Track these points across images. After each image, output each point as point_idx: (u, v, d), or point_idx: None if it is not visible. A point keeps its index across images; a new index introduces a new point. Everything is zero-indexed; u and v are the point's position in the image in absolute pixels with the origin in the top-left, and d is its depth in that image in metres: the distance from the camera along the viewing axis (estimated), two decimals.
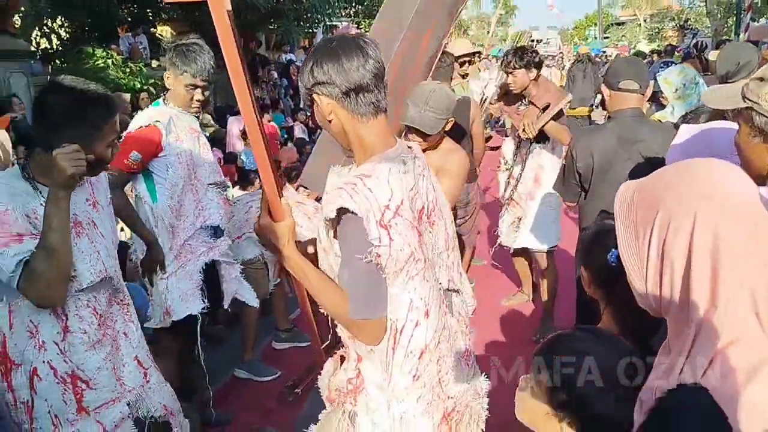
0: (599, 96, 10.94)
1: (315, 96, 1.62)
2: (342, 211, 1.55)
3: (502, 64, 4.46)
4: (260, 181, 1.68)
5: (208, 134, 5.18)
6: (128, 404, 2.19)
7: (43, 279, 1.86)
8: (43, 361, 1.99)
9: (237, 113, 3.78)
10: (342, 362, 1.85)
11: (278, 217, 1.67)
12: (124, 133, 2.90)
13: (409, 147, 1.74)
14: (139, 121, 2.96)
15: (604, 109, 3.32)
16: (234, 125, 8.77)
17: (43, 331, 1.98)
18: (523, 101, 4.31)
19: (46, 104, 1.96)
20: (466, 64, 5.49)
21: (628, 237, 1.14)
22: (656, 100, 4.54)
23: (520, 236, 4.52)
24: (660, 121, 3.62)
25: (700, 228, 1.02)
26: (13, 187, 1.94)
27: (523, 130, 4.15)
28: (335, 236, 1.64)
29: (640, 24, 37.80)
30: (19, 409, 2.00)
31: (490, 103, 5.54)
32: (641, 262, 1.12)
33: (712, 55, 5.18)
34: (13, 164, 3.56)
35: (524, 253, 4.69)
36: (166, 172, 2.96)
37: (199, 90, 3.02)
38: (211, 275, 3.19)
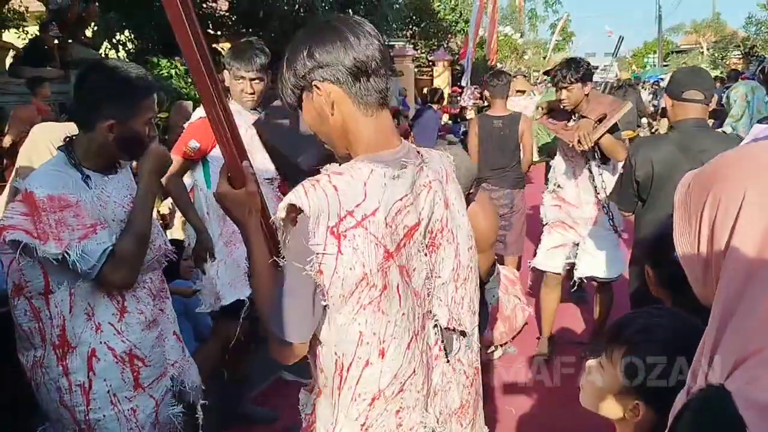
0: (643, 119, 10.91)
1: (314, 86, 1.34)
2: (291, 209, 1.27)
3: (554, 79, 3.91)
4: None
5: None
6: (171, 378, 2.26)
7: (132, 264, 2.01)
8: (101, 342, 2.03)
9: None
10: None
11: (238, 183, 1.47)
12: (186, 124, 3.05)
13: (419, 152, 1.45)
14: (200, 112, 3.03)
15: (663, 117, 3.25)
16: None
17: (99, 313, 2.03)
18: (574, 117, 3.90)
19: (88, 81, 2.01)
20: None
21: (683, 225, 1.07)
22: (718, 117, 4.48)
23: (583, 264, 4.12)
24: (725, 132, 3.55)
25: (747, 206, 0.93)
26: (70, 176, 1.99)
27: (579, 142, 3.66)
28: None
29: (702, 52, 36.99)
30: (75, 392, 2.02)
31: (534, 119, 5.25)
32: (693, 249, 1.05)
33: None
34: None
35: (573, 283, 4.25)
36: (222, 161, 2.98)
37: (247, 82, 3.02)
38: None
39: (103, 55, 9.27)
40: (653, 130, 11.28)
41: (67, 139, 2.05)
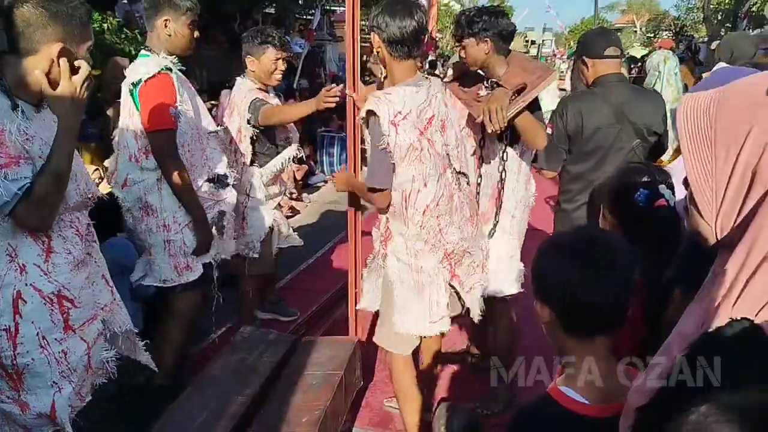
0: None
1: (372, 32, 2.45)
2: (369, 113, 2.42)
3: (452, 33, 3.26)
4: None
5: None
6: (102, 321, 2.23)
7: (48, 205, 1.91)
8: (26, 284, 1.95)
9: (229, 87, 3.81)
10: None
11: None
12: (128, 81, 2.85)
13: (427, 78, 2.57)
14: (146, 68, 2.83)
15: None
16: (225, 99, 8.72)
17: (22, 253, 1.95)
18: (485, 84, 2.98)
19: (29, 3, 1.87)
20: None
21: (701, 154, 0.99)
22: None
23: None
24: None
25: None
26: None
27: (490, 120, 2.68)
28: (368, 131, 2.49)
29: (636, 30, 37.99)
30: (1, 336, 1.94)
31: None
32: (718, 183, 0.97)
33: (713, 45, 5.27)
34: None
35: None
36: (177, 121, 2.87)
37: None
38: None
39: None
40: None
41: None
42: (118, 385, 2.56)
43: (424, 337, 2.69)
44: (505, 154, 3.01)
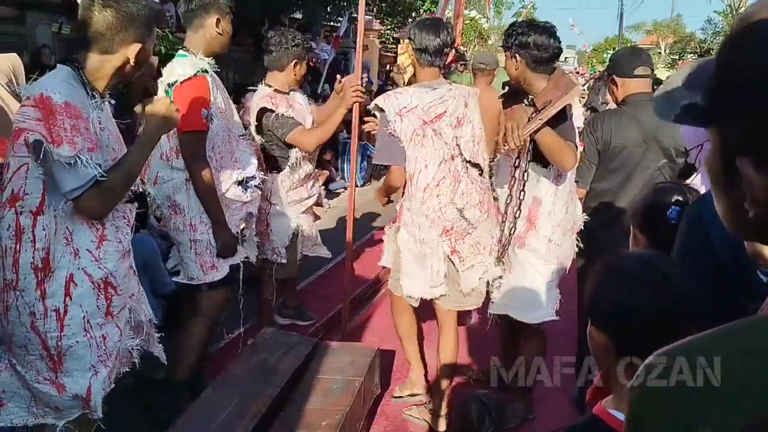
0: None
1: (407, 40, 3.14)
2: (377, 107, 2.93)
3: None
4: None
5: None
6: (129, 309, 2.30)
7: (112, 198, 2.05)
8: (79, 268, 2.05)
9: (254, 90, 3.94)
10: None
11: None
12: (165, 81, 2.91)
13: (449, 83, 3.07)
14: (183, 69, 2.88)
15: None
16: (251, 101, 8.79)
17: (77, 238, 2.04)
18: (526, 101, 2.88)
19: (105, 11, 2.02)
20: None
21: None
22: None
23: (500, 297, 3.08)
24: None
25: None
26: (78, 92, 2.00)
27: (505, 138, 2.73)
28: None
29: (660, 52, 37.87)
30: (50, 317, 2.02)
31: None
32: None
33: None
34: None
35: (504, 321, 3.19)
36: (210, 123, 2.92)
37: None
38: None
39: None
40: None
41: (71, 57, 2.07)
42: (134, 377, 2.60)
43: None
44: (525, 174, 2.94)
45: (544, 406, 3.30)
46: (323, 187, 8.38)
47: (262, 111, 3.54)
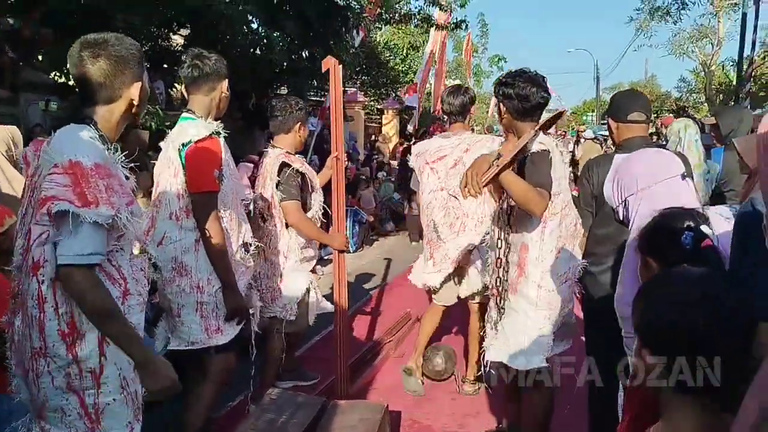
0: None
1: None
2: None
3: None
4: None
5: None
6: None
7: (88, 298, 1.89)
8: None
9: (245, 161, 4.10)
10: None
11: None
12: (177, 141, 2.92)
13: (463, 134, 4.08)
14: (196, 130, 2.89)
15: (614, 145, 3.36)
16: (242, 171, 8.87)
17: None
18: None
19: (108, 53, 2.03)
20: None
21: None
22: None
23: (496, 344, 3.08)
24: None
25: None
26: (101, 149, 1.97)
27: (465, 187, 2.71)
28: None
29: None
30: (85, 377, 1.96)
31: None
32: None
33: (706, 120, 5.47)
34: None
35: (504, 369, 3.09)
36: (221, 184, 2.93)
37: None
38: None
39: (55, 80, 9.13)
40: None
41: (82, 117, 2.04)
42: None
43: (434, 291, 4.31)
44: (509, 218, 2.99)
45: None
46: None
47: (283, 165, 3.66)
